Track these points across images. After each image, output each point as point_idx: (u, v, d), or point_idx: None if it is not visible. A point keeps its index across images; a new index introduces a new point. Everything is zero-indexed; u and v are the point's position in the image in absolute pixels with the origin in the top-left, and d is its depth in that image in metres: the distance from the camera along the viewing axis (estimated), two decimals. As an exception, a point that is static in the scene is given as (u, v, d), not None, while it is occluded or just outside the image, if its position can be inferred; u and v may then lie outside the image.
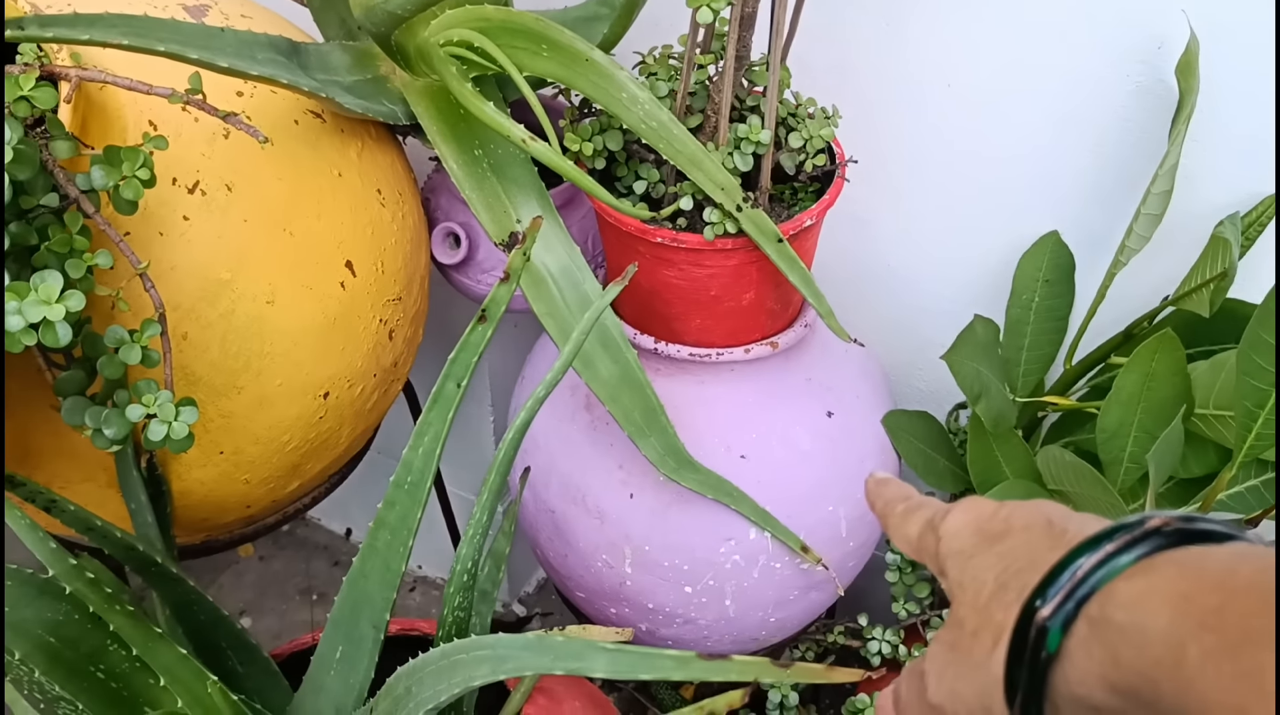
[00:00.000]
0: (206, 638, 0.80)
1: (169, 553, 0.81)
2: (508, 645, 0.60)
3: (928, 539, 0.46)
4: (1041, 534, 0.40)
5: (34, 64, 0.69)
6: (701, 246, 0.83)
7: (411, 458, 0.72)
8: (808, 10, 0.80)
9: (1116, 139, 0.97)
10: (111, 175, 0.67)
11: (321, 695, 0.82)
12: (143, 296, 0.72)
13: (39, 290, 0.58)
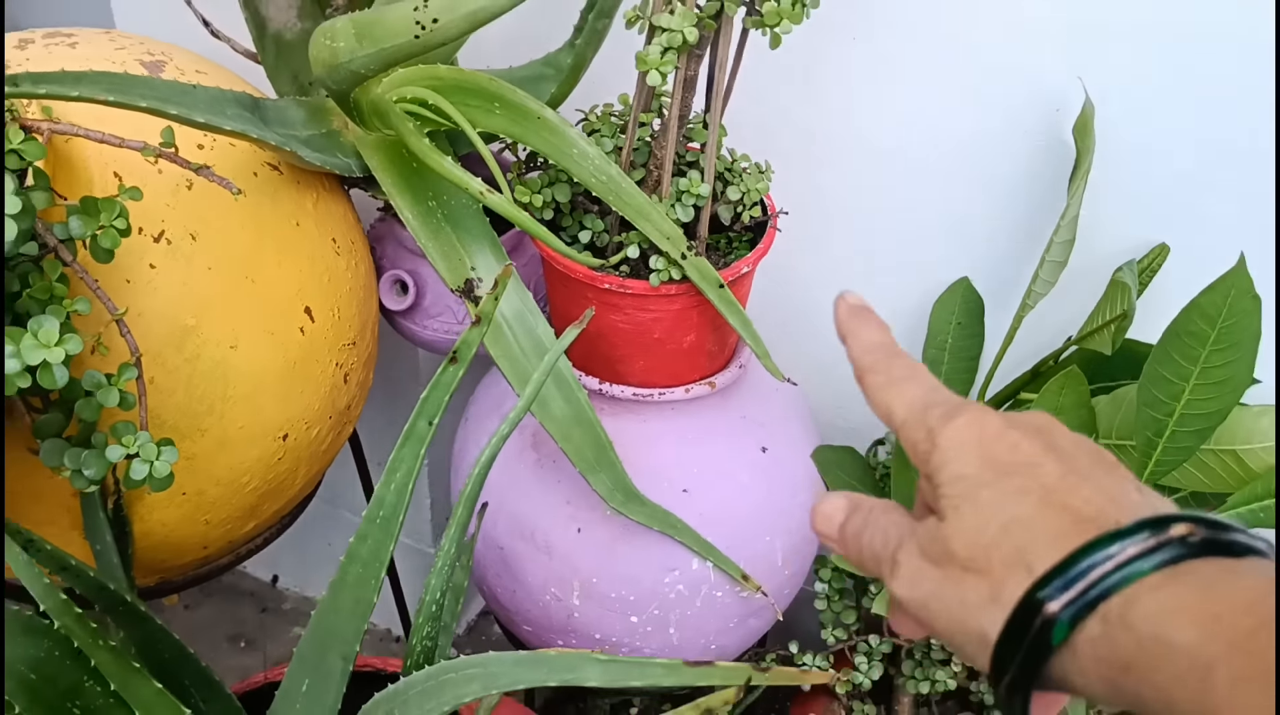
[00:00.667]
0: (172, 675, 0.82)
1: (133, 592, 0.83)
2: (499, 662, 0.63)
3: (916, 434, 0.43)
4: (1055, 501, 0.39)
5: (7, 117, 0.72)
6: (647, 292, 0.88)
7: (384, 493, 0.75)
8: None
9: (1020, 192, 1.05)
10: (89, 225, 0.70)
11: (285, 730, 0.84)
12: (117, 341, 0.74)
13: (38, 334, 0.61)
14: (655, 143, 0.88)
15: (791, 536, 1.03)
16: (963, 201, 1.07)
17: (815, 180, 1.10)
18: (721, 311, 0.88)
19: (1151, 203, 0.99)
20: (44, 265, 0.69)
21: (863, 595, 1.18)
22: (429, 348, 1.08)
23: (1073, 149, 1.00)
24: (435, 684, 0.66)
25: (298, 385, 0.88)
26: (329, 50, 0.79)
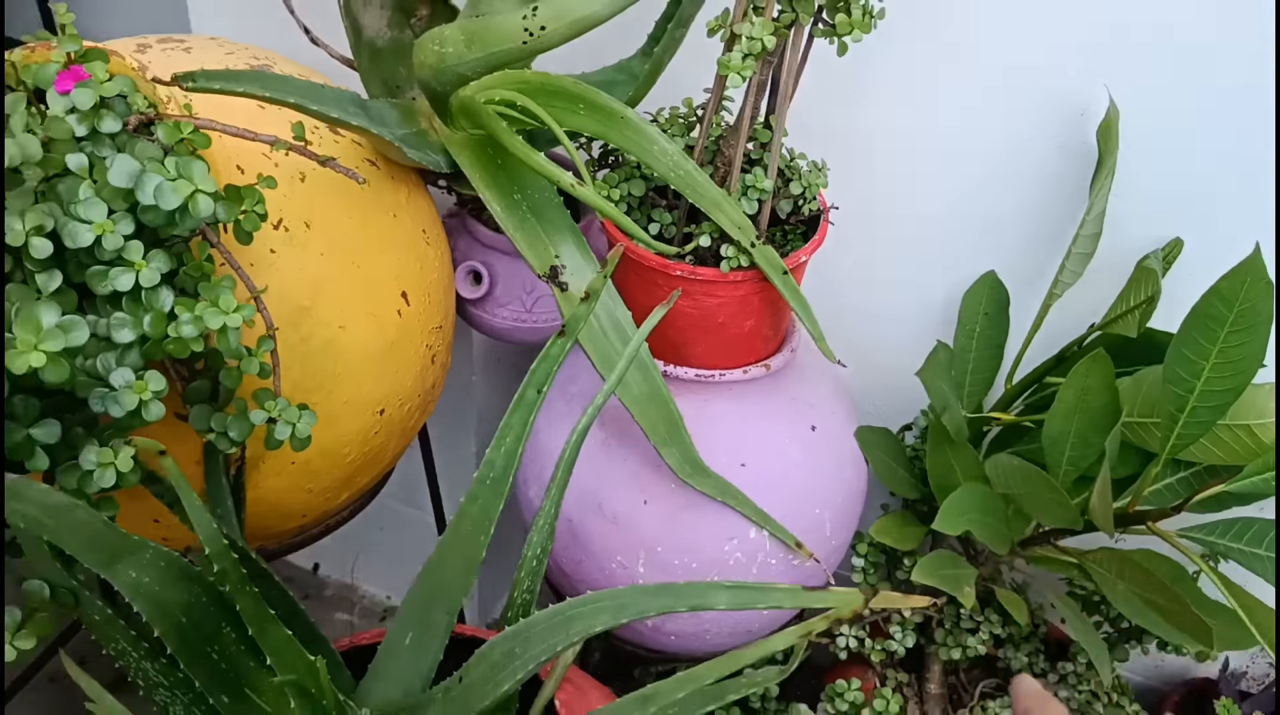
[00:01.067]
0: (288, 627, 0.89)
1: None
2: (628, 594, 0.71)
3: None
4: None
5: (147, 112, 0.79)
6: (716, 278, 0.96)
7: (494, 456, 0.83)
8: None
9: (1045, 191, 1.14)
10: (232, 211, 0.77)
11: (388, 681, 0.91)
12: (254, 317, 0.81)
13: (219, 302, 0.68)
14: (724, 142, 0.96)
15: (838, 509, 1.11)
16: (990, 200, 1.16)
17: (851, 180, 1.18)
18: (785, 296, 0.96)
19: (1166, 200, 1.08)
20: (195, 247, 0.76)
21: (896, 568, 1.26)
22: (496, 335, 1.15)
23: (1094, 150, 1.09)
24: (562, 619, 0.73)
25: (394, 364, 0.96)
26: (436, 55, 0.87)
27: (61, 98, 0.69)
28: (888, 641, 1.23)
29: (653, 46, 0.99)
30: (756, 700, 1.25)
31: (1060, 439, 1.07)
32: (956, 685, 1.28)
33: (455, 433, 1.41)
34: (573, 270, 0.95)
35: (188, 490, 0.71)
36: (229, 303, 0.69)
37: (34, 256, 0.67)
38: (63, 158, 0.69)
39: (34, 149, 0.67)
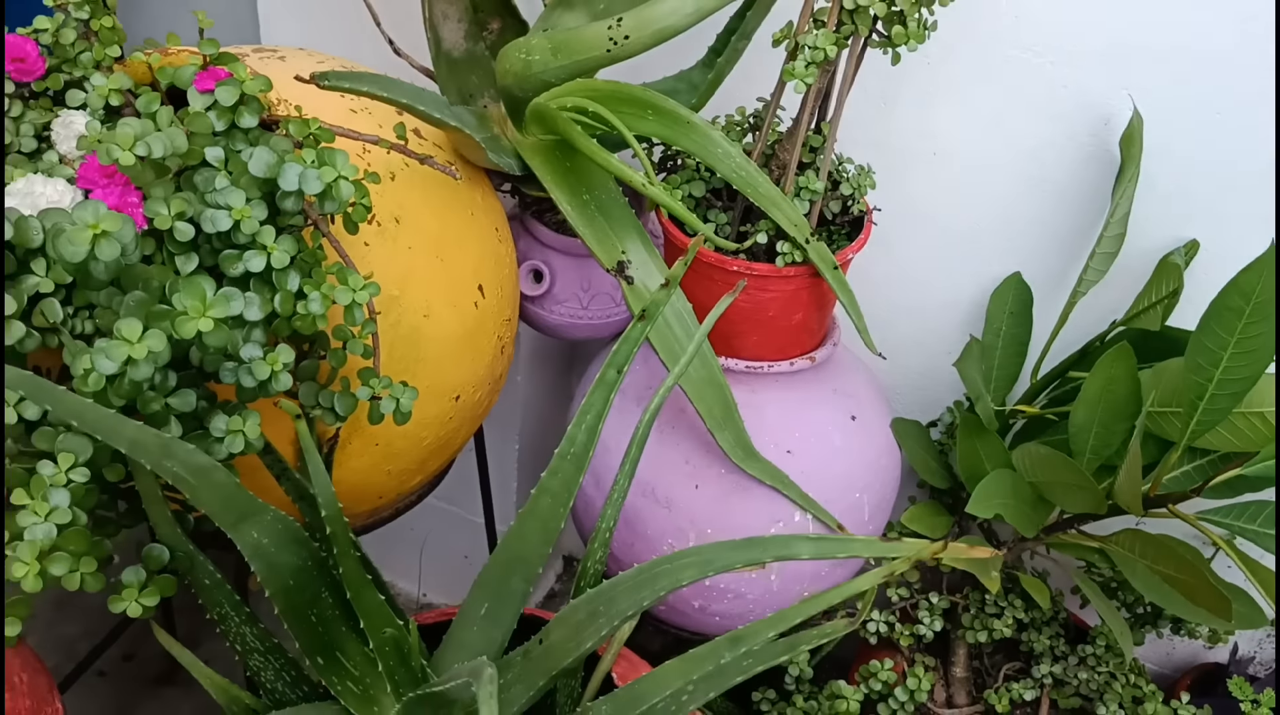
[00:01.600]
0: (377, 597, 0.94)
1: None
2: (712, 549, 0.77)
3: None
4: None
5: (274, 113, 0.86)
6: (770, 273, 1.03)
7: (575, 432, 0.89)
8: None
9: (1067, 196, 1.21)
10: (343, 204, 0.84)
11: (464, 649, 0.97)
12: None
13: (348, 281, 0.75)
14: (780, 146, 1.03)
15: (875, 494, 1.18)
16: (1016, 204, 1.23)
17: (886, 186, 1.25)
18: (835, 289, 1.03)
19: (1185, 203, 1.16)
20: (307, 235, 0.83)
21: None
22: (553, 331, 1.21)
23: (1116, 157, 1.17)
24: (648, 575, 0.79)
25: (470, 352, 1.02)
26: (522, 63, 0.94)
27: (202, 95, 0.75)
28: (916, 626, 1.30)
29: (715, 58, 1.06)
30: (792, 682, 1.30)
31: (1085, 427, 1.14)
32: (981, 669, 1.35)
33: (500, 430, 1.47)
34: (638, 265, 1.02)
35: (314, 452, 0.77)
36: (357, 282, 0.76)
37: (178, 239, 0.73)
38: (201, 150, 0.75)
39: (181, 141, 0.73)
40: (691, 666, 0.80)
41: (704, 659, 0.80)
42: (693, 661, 0.81)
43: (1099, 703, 1.26)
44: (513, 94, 0.98)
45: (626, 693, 0.83)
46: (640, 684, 0.82)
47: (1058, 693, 1.29)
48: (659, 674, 0.82)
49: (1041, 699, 1.29)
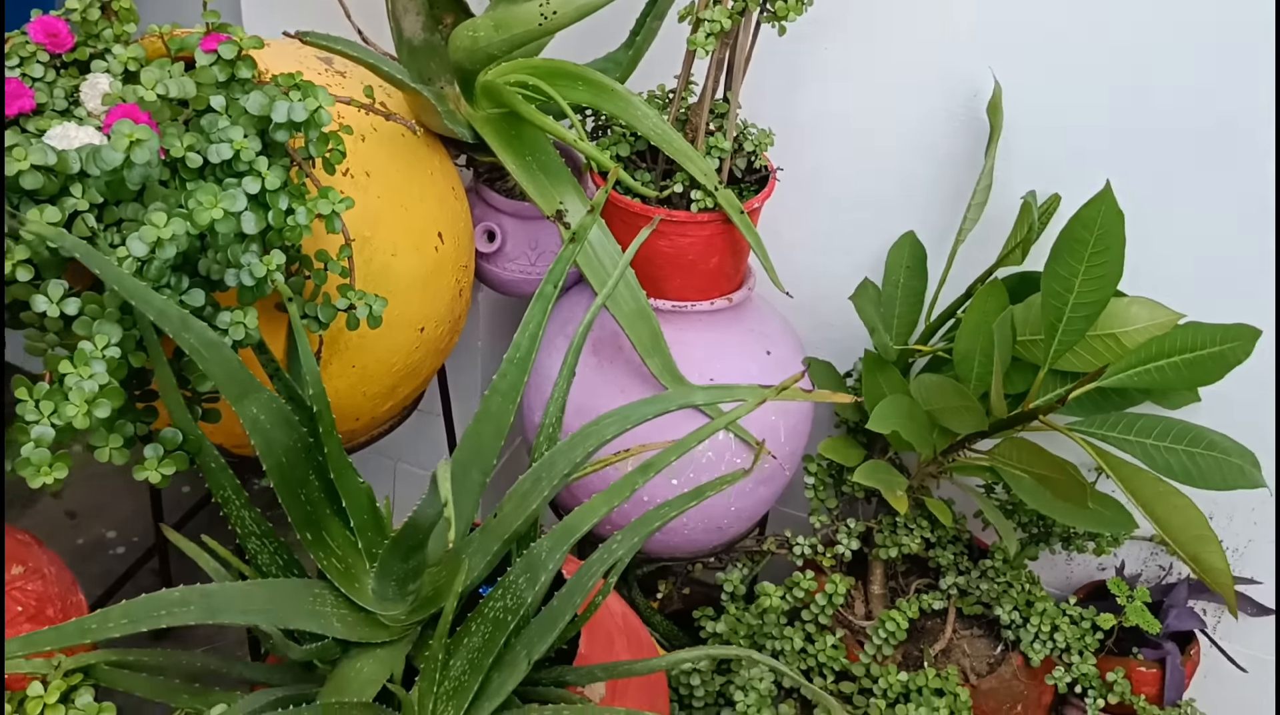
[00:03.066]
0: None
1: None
2: (630, 408, 0.94)
3: None
4: None
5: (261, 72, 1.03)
6: (687, 218, 1.21)
7: (520, 339, 1.06)
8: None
9: (950, 160, 1.40)
10: (322, 148, 1.01)
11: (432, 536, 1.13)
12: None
13: (328, 195, 0.92)
14: (691, 111, 1.22)
15: (790, 418, 1.35)
16: (907, 169, 1.42)
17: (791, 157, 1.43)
18: (742, 231, 1.21)
19: (1042, 164, 1.35)
20: (293, 174, 1.00)
21: (841, 482, 1.50)
22: (504, 287, 1.39)
23: (985, 124, 1.36)
24: (578, 438, 0.96)
25: (432, 291, 1.19)
26: (470, 39, 1.12)
27: (207, 54, 0.93)
28: (835, 547, 1.46)
29: (634, 38, 1.25)
30: (727, 599, 1.46)
31: (968, 356, 1.32)
32: (895, 588, 1.51)
33: (462, 392, 1.64)
34: (573, 213, 1.20)
35: (302, 334, 0.94)
36: (335, 197, 0.93)
37: (189, 167, 0.90)
38: (207, 96, 0.93)
39: (191, 88, 0.91)
40: (612, 495, 0.98)
41: (621, 488, 0.98)
42: (613, 491, 0.98)
43: (998, 606, 1.43)
44: (464, 68, 1.17)
45: (561, 526, 0.99)
46: (572, 517, 0.99)
47: (962, 601, 1.46)
48: (587, 506, 0.99)
49: (949, 607, 1.46)
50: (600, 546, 1.01)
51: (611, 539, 1.01)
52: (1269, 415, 1.39)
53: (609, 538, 1.02)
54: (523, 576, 0.99)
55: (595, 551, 1.02)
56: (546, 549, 0.98)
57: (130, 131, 0.82)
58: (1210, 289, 1.32)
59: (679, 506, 1.00)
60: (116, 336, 0.88)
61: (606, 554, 1.01)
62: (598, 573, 1.02)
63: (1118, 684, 1.40)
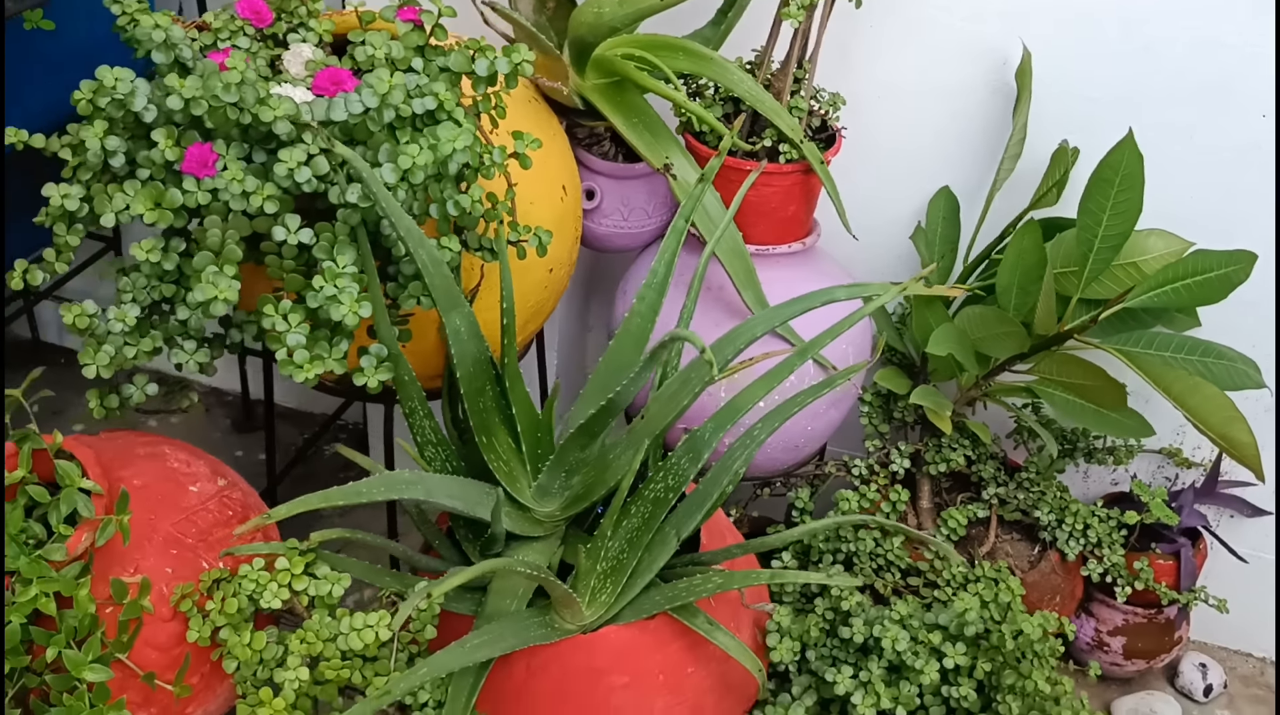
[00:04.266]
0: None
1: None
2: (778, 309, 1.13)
3: None
4: None
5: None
6: (774, 169, 1.41)
7: (657, 267, 1.24)
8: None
9: (982, 121, 1.61)
10: (487, 106, 1.19)
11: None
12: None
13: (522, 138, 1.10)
14: (775, 76, 1.41)
15: (856, 347, 1.54)
16: (944, 131, 1.62)
17: (847, 120, 1.63)
18: (822, 178, 1.40)
19: (1071, 120, 1.56)
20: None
21: (890, 412, 1.69)
22: (599, 241, 1.57)
23: (1014, 88, 1.57)
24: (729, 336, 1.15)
25: (559, 236, 1.37)
26: (594, 15, 1.31)
27: (406, 22, 1.10)
28: (889, 467, 1.66)
29: (723, 16, 1.44)
30: (797, 515, 1.65)
31: (1008, 288, 1.52)
32: (939, 503, 1.71)
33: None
34: (678, 165, 1.38)
35: (506, 260, 1.11)
36: (527, 138, 1.11)
37: (401, 115, 1.08)
38: (409, 57, 1.10)
39: (401, 51, 1.08)
40: (771, 379, 1.18)
41: (779, 371, 1.19)
42: (770, 376, 1.21)
43: (1035, 510, 1.63)
44: (585, 41, 1.35)
45: (725, 407, 1.18)
46: (735, 399, 1.17)
47: (1003, 510, 1.66)
48: (746, 390, 1.19)
49: (991, 516, 1.66)
50: (744, 434, 1.20)
51: (754, 426, 1.19)
52: (1263, 336, 1.61)
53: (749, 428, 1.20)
54: (685, 457, 1.17)
55: (738, 439, 1.20)
56: (710, 430, 1.16)
57: (387, 79, 0.99)
58: (1215, 221, 1.53)
59: (814, 393, 1.18)
60: (353, 257, 1.05)
61: (749, 440, 1.19)
62: (740, 457, 1.20)
63: (1144, 571, 1.61)
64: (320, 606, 1.07)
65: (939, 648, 1.32)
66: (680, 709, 1.26)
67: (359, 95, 1.00)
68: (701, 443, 1.17)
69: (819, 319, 1.45)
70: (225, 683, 1.18)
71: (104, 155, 1.06)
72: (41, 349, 2.28)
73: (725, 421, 1.17)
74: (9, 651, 1.03)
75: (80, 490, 1.07)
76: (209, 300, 1.01)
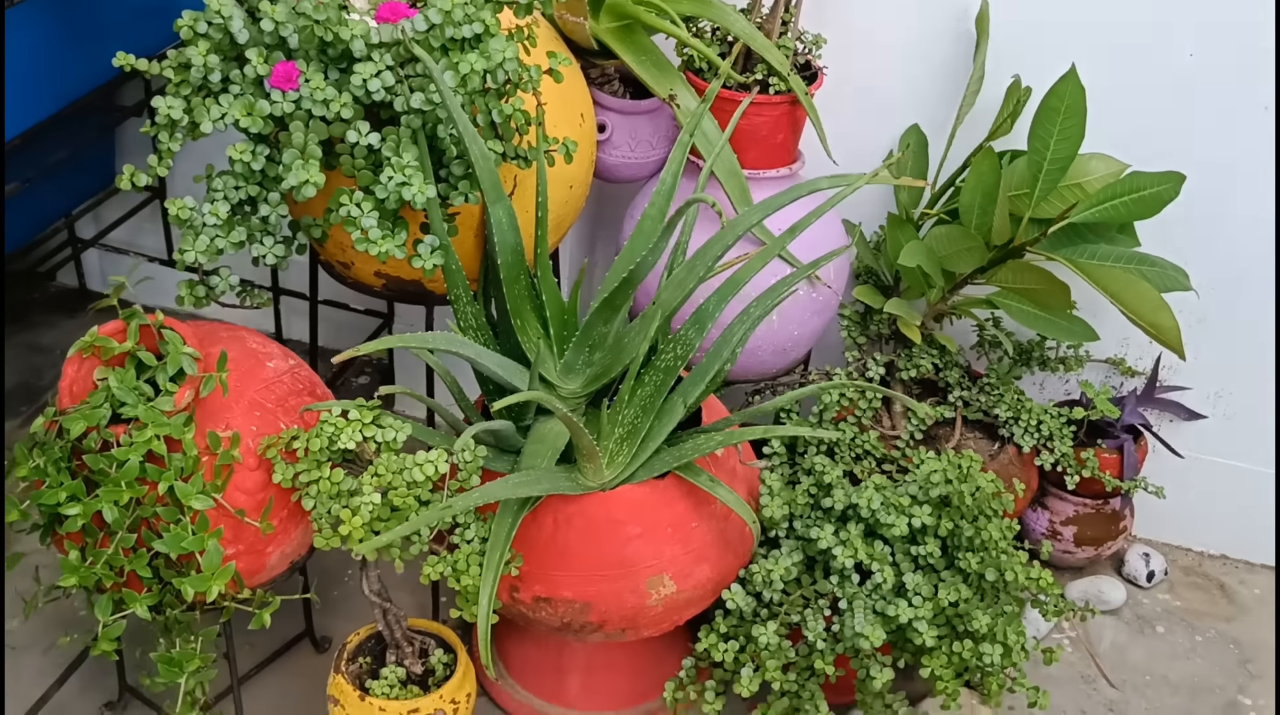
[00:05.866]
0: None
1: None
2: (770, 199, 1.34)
3: None
4: None
5: None
6: (764, 100, 1.62)
7: (665, 175, 1.45)
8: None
9: (947, 65, 1.82)
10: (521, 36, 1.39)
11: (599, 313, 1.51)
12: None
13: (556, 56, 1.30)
14: (766, 19, 1.62)
15: (837, 263, 1.76)
16: (913, 75, 1.84)
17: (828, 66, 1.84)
18: (807, 108, 1.62)
19: (1023, 60, 1.77)
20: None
21: (869, 321, 1.90)
22: (609, 170, 1.77)
23: (974, 34, 1.78)
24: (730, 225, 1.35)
25: (577, 158, 1.57)
26: (610, -39, 1.51)
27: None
28: (866, 373, 1.87)
29: (720, -35, 1.66)
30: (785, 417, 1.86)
31: (969, 208, 1.73)
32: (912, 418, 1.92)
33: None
34: (681, 96, 1.60)
35: (543, 164, 1.31)
36: (560, 57, 1.32)
37: (454, 38, 1.28)
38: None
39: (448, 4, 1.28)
40: (766, 254, 1.39)
41: (772, 247, 1.40)
42: (765, 251, 1.40)
43: (996, 408, 1.85)
44: (598, -14, 1.56)
45: (727, 282, 1.39)
46: (736, 273, 1.38)
47: (966, 410, 1.88)
48: (747, 264, 1.39)
49: (956, 417, 1.88)
50: (741, 312, 1.41)
51: (750, 304, 1.40)
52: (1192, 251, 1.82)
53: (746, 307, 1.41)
54: (691, 328, 1.38)
55: (736, 317, 1.41)
56: (714, 302, 1.37)
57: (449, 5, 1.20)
58: (1150, 146, 1.75)
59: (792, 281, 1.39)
60: (415, 154, 1.26)
61: (745, 317, 1.40)
62: (738, 332, 1.41)
63: (1090, 461, 1.83)
64: (386, 450, 1.28)
65: (907, 510, 1.53)
66: (686, 558, 1.46)
67: (425, 14, 1.21)
68: (705, 315, 1.38)
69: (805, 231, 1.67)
70: (300, 527, 1.38)
71: (204, 72, 1.26)
72: (88, 296, 2.47)
73: (727, 294, 1.38)
74: (128, 485, 1.23)
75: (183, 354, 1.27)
76: (301, 183, 1.21)
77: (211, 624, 1.36)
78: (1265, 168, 1.79)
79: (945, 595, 1.50)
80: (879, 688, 1.51)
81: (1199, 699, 1.84)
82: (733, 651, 1.51)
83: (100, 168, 2.19)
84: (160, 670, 1.30)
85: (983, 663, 1.51)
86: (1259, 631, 1.96)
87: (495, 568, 1.32)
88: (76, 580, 1.24)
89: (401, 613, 1.44)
